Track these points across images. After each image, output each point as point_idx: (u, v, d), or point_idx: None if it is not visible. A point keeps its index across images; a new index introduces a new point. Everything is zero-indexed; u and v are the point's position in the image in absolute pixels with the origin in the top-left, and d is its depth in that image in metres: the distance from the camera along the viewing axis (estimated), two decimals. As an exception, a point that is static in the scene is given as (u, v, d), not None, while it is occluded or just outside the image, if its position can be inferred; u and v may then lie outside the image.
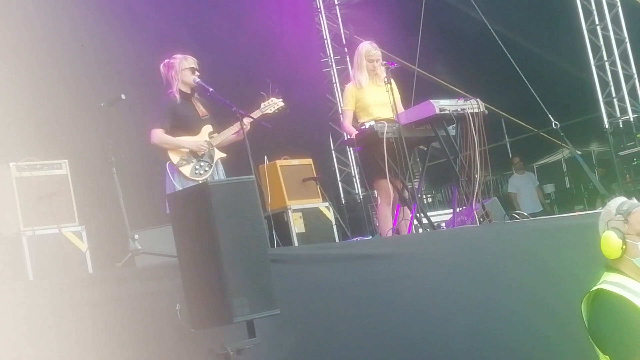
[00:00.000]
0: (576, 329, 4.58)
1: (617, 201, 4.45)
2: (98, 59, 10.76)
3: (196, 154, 7.80)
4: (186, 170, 7.72)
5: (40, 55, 10.02)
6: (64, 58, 10.38)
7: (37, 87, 9.65)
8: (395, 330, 5.96)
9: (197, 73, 7.84)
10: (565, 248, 7.01)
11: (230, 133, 7.85)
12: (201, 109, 7.94)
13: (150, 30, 11.21)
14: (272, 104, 8.01)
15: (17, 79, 9.18)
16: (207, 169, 7.79)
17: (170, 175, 7.69)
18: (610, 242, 4.32)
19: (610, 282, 4.28)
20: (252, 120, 7.77)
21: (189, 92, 7.88)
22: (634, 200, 4.45)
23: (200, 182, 7.50)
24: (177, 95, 7.84)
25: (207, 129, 7.91)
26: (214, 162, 7.85)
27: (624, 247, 4.30)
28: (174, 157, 7.74)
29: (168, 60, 7.92)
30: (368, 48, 8.52)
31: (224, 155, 7.93)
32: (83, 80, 10.39)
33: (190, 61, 7.89)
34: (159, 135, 7.76)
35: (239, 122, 7.67)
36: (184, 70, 7.84)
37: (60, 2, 10.60)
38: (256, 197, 5.07)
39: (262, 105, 7.98)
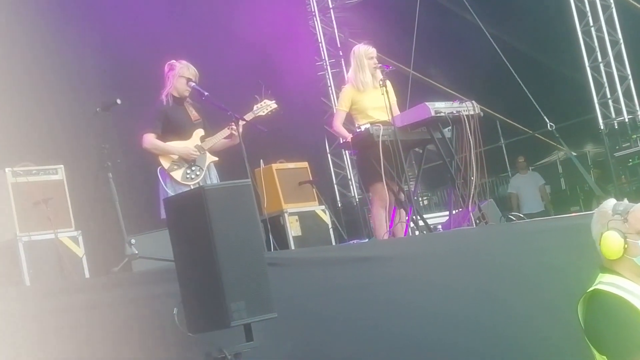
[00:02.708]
0: (573, 328, 4.58)
1: (610, 203, 4.44)
2: (93, 63, 10.75)
3: (187, 159, 7.81)
4: (177, 175, 7.73)
5: (35, 60, 9.99)
6: (59, 63, 10.36)
7: (32, 92, 9.64)
8: (392, 333, 5.96)
9: (191, 85, 7.82)
10: (562, 249, 7.01)
11: (221, 137, 7.86)
12: (193, 113, 7.94)
13: (145, 34, 11.18)
14: (265, 106, 8.01)
15: (11, 84, 9.16)
16: (198, 173, 7.79)
17: (162, 181, 7.70)
18: (613, 242, 4.30)
19: (606, 283, 4.28)
20: (245, 123, 7.77)
21: (179, 96, 7.90)
22: (627, 202, 4.44)
23: (192, 186, 7.50)
24: (170, 99, 7.86)
25: (199, 132, 7.91)
26: (206, 166, 7.86)
27: (626, 246, 4.29)
28: (165, 162, 7.75)
29: (174, 61, 7.94)
30: (365, 47, 8.55)
31: (216, 159, 7.94)
32: (78, 85, 10.38)
33: (191, 71, 7.89)
34: (150, 140, 7.77)
35: (230, 126, 7.69)
36: (181, 77, 7.86)
37: (55, 8, 10.59)
38: (252, 201, 5.07)
39: (255, 107, 7.98)
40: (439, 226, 9.07)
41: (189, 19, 12.33)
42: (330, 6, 16.08)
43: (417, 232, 8.11)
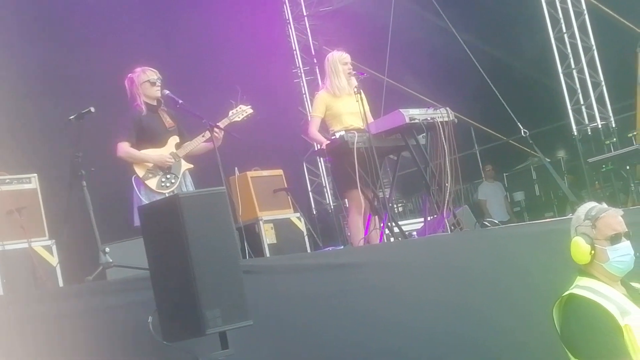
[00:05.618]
0: (549, 334, 4.60)
1: (587, 206, 4.48)
2: (66, 71, 10.72)
3: (162, 167, 7.77)
4: (152, 183, 7.69)
5: (7, 68, 9.95)
6: (32, 71, 10.33)
7: (5, 101, 9.59)
8: (368, 340, 5.96)
9: (158, 84, 7.81)
10: (536, 254, 7.04)
11: (196, 144, 7.83)
12: (168, 120, 7.91)
13: (119, 41, 11.17)
14: (241, 112, 7.98)
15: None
16: (173, 180, 7.76)
17: (137, 189, 7.67)
18: (579, 247, 4.35)
19: (582, 287, 4.30)
20: (221, 129, 7.73)
21: (154, 104, 7.87)
22: (604, 205, 4.48)
23: (167, 194, 7.47)
24: (143, 107, 7.81)
25: (174, 140, 7.88)
26: (181, 173, 7.82)
27: (593, 252, 4.33)
28: (140, 171, 7.71)
29: (130, 74, 7.91)
30: (339, 53, 8.57)
31: (191, 166, 7.91)
32: (51, 93, 10.34)
33: (148, 74, 7.86)
34: (124, 148, 7.73)
35: (205, 132, 7.66)
36: (143, 83, 7.83)
37: (27, 17, 10.55)
38: (227, 209, 5.05)
39: (230, 113, 7.95)
40: (414, 233, 9.08)
41: (162, 26, 12.31)
42: (305, 14, 16.09)
43: (392, 239, 8.12)
